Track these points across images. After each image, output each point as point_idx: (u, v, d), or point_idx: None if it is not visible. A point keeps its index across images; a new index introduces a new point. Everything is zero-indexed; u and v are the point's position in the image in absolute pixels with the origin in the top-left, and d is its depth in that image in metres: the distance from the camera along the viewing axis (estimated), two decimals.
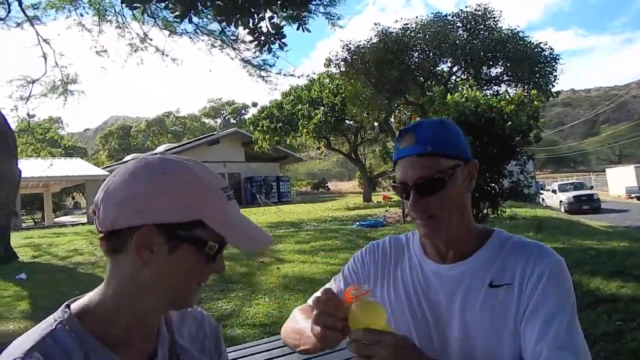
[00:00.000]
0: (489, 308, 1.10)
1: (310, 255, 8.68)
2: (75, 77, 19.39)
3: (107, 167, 34.80)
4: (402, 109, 22.07)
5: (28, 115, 20.59)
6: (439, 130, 1.16)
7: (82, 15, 14.49)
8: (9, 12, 13.91)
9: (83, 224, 21.91)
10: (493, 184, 7.66)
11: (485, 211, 7.80)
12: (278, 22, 6.91)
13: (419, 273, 1.23)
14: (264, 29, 6.93)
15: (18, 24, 15.71)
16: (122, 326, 0.91)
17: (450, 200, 1.13)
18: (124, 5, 7.26)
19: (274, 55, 15.08)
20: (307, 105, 26.33)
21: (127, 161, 0.94)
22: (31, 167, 23.85)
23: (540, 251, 1.13)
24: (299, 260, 8.30)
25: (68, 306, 0.92)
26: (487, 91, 17.77)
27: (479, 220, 7.51)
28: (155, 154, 1.05)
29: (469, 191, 1.19)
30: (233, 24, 6.79)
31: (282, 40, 7.03)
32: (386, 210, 16.09)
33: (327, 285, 1.31)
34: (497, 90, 18.25)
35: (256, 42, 6.91)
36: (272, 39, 6.86)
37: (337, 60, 20.13)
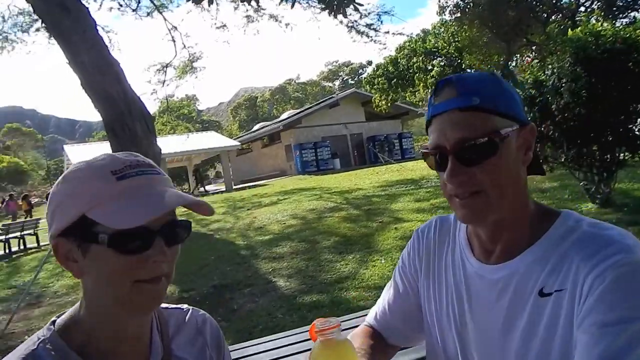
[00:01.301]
0: (538, 324, 0.86)
1: (429, 213, 8.58)
2: (201, 54, 20.93)
3: (238, 137, 37.14)
4: (524, 51, 20.34)
5: (166, 97, 22.68)
6: (488, 81, 0.91)
7: None
8: (139, 2, 15.29)
9: (222, 192, 23.80)
10: (630, 126, 6.85)
11: (622, 156, 7.02)
12: None
13: (462, 274, 1.01)
14: None
15: (148, 14, 17.23)
16: (104, 339, 0.87)
17: (503, 171, 0.87)
18: None
19: (378, 19, 14.80)
20: (423, 57, 25.38)
21: (256, 130, 1.01)
22: (174, 143, 26.38)
23: (611, 244, 0.81)
24: (417, 219, 8.26)
25: (54, 322, 0.89)
26: (623, 20, 15.60)
27: (610, 167, 6.82)
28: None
29: (525, 164, 0.92)
30: None
31: (356, 1, 6.88)
32: None
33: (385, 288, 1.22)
34: (635, 17, 15.90)
35: (328, 10, 6.87)
36: (345, 1, 6.77)
37: (450, 6, 19.10)
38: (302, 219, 10.16)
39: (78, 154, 24.93)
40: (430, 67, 24.79)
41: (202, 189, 27.33)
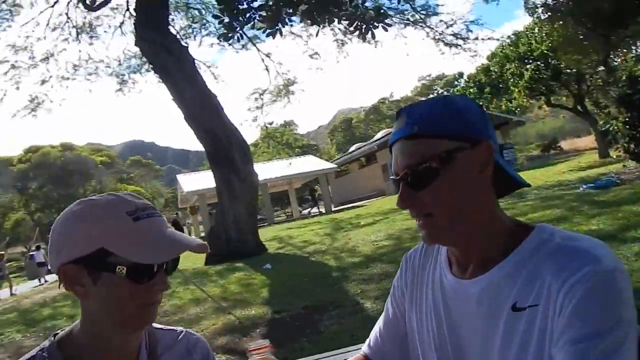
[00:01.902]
0: (512, 339, 0.86)
1: None
2: (295, 79, 21.92)
3: (335, 160, 37.80)
4: (630, 42, 18.47)
5: (265, 124, 23.86)
6: (435, 106, 0.94)
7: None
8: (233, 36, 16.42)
9: (322, 214, 24.35)
10: None
11: None
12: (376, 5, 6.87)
13: (440, 291, 1.02)
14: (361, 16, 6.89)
15: (243, 46, 18.40)
16: (95, 353, 0.99)
17: (449, 193, 0.89)
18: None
19: (467, 29, 14.55)
20: (516, 62, 24.11)
21: (353, 151, 1.17)
22: (275, 169, 27.54)
23: (579, 256, 0.81)
24: None
25: (55, 335, 1.03)
26: None
27: None
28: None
29: (483, 183, 0.92)
30: (326, 22, 6.89)
31: (385, 21, 6.85)
32: (623, 166, 13.84)
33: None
34: None
35: (358, 32, 6.90)
36: (374, 23, 6.76)
37: (540, 4, 18.07)
38: (395, 239, 10.15)
39: (189, 182, 26.83)
40: (524, 71, 23.39)
41: (316, 209, 27.70)
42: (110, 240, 0.93)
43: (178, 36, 12.86)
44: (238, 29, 9.70)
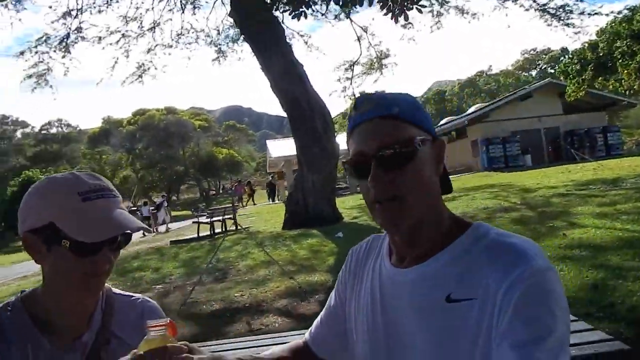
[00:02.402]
0: (443, 330, 0.87)
1: (609, 220, 7.63)
2: (388, 52, 21.53)
3: None
4: None
5: (353, 95, 23.87)
6: (404, 97, 0.98)
7: None
8: (328, 6, 16.40)
9: None
10: None
11: None
12: None
13: (377, 280, 1.04)
14: None
15: (336, 17, 18.35)
16: (52, 311, 1.12)
17: (419, 178, 0.91)
18: None
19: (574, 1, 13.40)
20: (628, 40, 21.78)
21: (442, 125, 1.22)
22: None
23: (518, 254, 0.83)
24: (593, 225, 7.43)
25: (22, 292, 1.17)
26: None
27: None
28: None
29: (438, 175, 0.96)
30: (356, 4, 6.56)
31: (420, 3, 6.43)
32: None
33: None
34: None
35: (390, 14, 6.52)
36: (407, 5, 6.36)
37: None
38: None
39: (277, 148, 27.64)
40: (637, 50, 21.06)
41: None
42: (58, 216, 1.06)
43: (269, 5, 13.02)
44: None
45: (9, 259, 23.37)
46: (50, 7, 15.01)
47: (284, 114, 13.57)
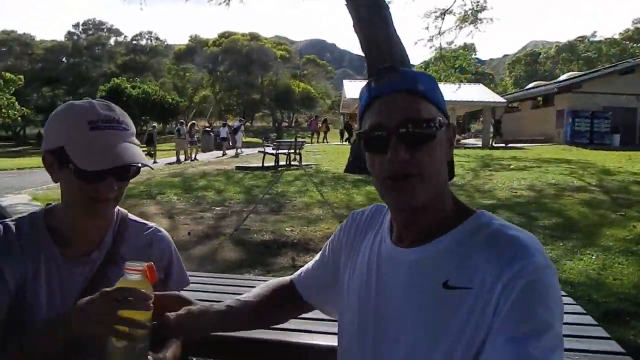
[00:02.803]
0: (434, 313, 0.88)
1: None
2: (485, 4, 20.26)
3: (507, 95, 35.10)
4: None
5: (440, 46, 22.91)
6: (428, 76, 0.96)
7: None
8: None
9: (478, 147, 23.28)
10: None
11: None
12: None
13: (376, 256, 1.03)
14: None
15: None
16: (67, 227, 1.22)
17: (436, 158, 0.91)
18: None
19: None
20: None
21: (529, 89, 1.23)
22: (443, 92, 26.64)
23: (519, 249, 0.83)
24: None
25: (47, 205, 1.30)
26: None
27: None
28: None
29: (448, 159, 0.96)
30: None
31: None
32: None
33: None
34: None
35: None
36: None
37: None
38: (536, 192, 9.51)
39: (353, 88, 27.28)
40: None
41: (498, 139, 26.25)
42: (67, 141, 1.13)
43: None
44: None
45: None
46: None
47: None
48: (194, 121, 26.03)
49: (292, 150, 14.46)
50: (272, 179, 11.74)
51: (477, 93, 27.64)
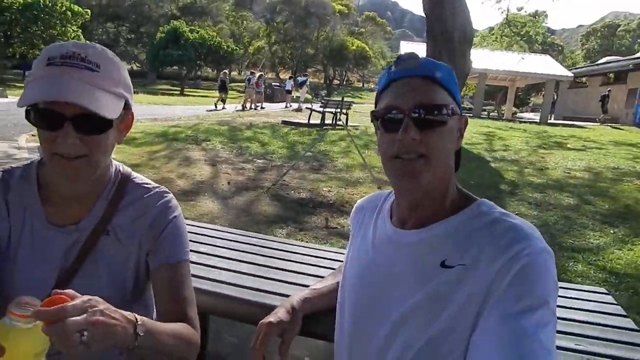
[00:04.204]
0: (430, 291, 0.92)
1: None
2: None
3: (575, 69, 33.13)
4: None
5: (507, 10, 21.74)
6: (445, 67, 1.00)
7: None
8: None
9: (535, 122, 22.27)
10: None
11: None
12: None
13: (374, 238, 1.09)
14: None
15: None
16: (53, 187, 1.09)
17: (445, 143, 0.96)
18: None
19: None
20: None
21: (600, 64, 1.16)
22: (501, 60, 25.42)
23: (518, 233, 0.88)
24: None
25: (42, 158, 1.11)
26: None
27: None
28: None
29: (457, 147, 1.02)
30: None
31: None
32: None
33: None
34: None
35: None
36: None
37: None
38: (593, 174, 9.00)
39: (408, 50, 26.35)
40: None
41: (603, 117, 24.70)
42: (27, 83, 0.97)
43: None
44: None
45: (150, 99, 25.74)
46: None
47: None
48: (261, 72, 27.27)
49: (339, 110, 14.23)
50: (316, 136, 11.63)
51: (541, 65, 26.14)
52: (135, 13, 59.34)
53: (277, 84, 29.71)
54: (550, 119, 24.32)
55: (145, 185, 1.19)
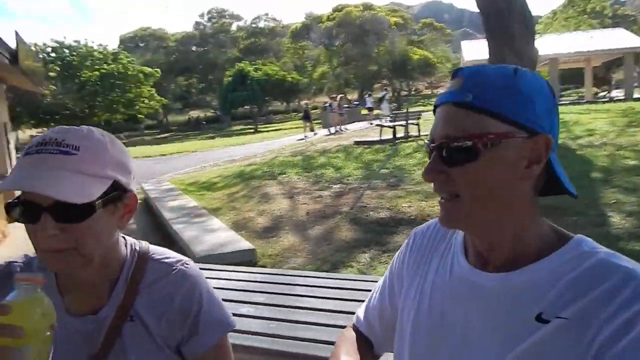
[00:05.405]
0: (525, 352, 0.75)
1: None
2: None
3: None
4: None
5: None
6: (501, 78, 0.80)
7: None
8: None
9: (619, 100, 20.76)
10: None
11: None
12: None
13: (447, 277, 0.91)
14: None
15: None
16: (64, 275, 1.02)
17: (484, 180, 0.78)
18: None
19: None
20: None
21: None
22: (573, 42, 24.10)
23: (627, 275, 0.71)
24: None
25: None
26: None
27: None
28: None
29: (527, 179, 0.80)
30: None
31: None
32: None
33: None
34: None
35: None
36: None
37: None
38: None
39: (472, 50, 25.74)
40: None
41: None
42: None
43: None
44: None
45: (226, 141, 26.91)
46: None
47: None
48: (342, 94, 28.83)
49: (411, 121, 14.08)
50: (391, 152, 11.55)
51: (615, 39, 24.41)
52: (201, 63, 62.80)
53: (347, 105, 30.58)
54: (635, 94, 22.54)
55: (166, 261, 1.08)
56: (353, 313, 1.23)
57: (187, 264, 1.08)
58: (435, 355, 0.88)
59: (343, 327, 1.34)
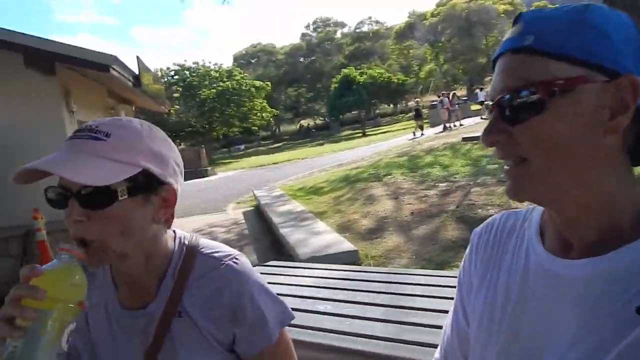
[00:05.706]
0: (628, 350, 0.60)
1: None
2: None
3: None
4: None
5: None
6: (567, 14, 0.66)
7: None
8: None
9: None
10: None
11: None
12: None
13: (522, 268, 0.76)
14: None
15: None
16: (114, 272, 1.04)
17: (551, 138, 0.64)
18: None
19: None
20: None
21: None
22: None
23: None
24: None
25: None
26: None
27: None
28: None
29: (612, 133, 0.64)
30: None
31: None
32: None
33: None
34: None
35: None
36: None
37: None
38: None
39: None
40: None
41: None
42: None
43: None
44: None
45: (334, 147, 27.43)
46: None
47: None
48: (453, 91, 28.43)
49: None
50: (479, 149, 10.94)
51: None
52: (309, 72, 64.62)
53: (435, 102, 30.50)
54: None
55: (215, 255, 1.03)
56: None
57: (236, 259, 1.03)
58: (513, 350, 0.74)
59: None
